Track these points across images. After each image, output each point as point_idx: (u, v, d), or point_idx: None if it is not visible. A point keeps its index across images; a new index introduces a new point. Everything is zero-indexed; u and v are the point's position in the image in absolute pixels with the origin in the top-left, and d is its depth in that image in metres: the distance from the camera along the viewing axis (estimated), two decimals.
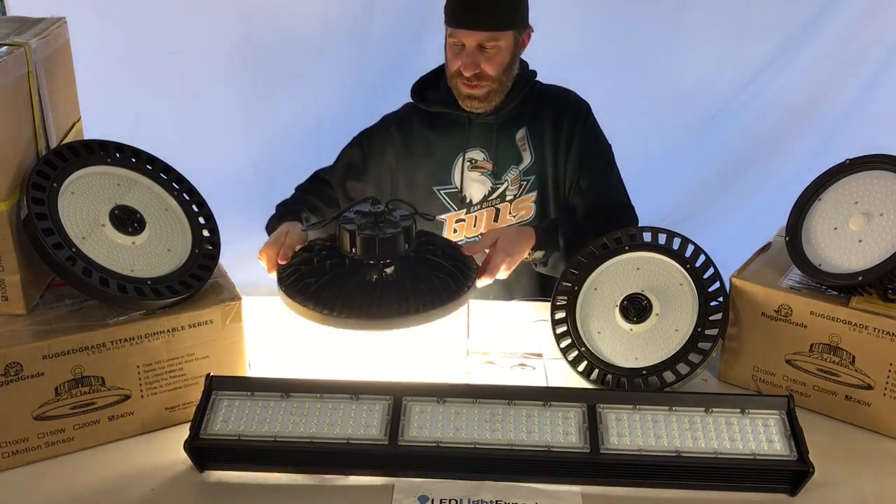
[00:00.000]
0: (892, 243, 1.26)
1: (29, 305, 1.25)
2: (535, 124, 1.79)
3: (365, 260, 1.40)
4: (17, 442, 1.21)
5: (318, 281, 1.38)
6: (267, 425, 1.20)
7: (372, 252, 1.38)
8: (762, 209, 2.51)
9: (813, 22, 2.36)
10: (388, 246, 1.38)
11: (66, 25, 1.45)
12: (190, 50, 2.38)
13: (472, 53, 1.66)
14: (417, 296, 1.36)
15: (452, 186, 1.82)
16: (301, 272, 1.42)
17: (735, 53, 2.42)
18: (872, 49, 2.36)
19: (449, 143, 1.81)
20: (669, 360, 1.38)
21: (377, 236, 1.37)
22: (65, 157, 1.27)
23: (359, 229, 1.38)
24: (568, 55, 2.38)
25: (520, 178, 1.79)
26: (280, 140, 2.54)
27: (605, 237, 1.46)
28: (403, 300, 1.35)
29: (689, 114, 2.51)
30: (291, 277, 1.42)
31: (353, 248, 1.39)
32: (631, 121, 2.42)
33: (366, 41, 2.44)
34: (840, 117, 2.44)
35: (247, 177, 2.57)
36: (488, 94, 1.72)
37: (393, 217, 1.42)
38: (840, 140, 2.44)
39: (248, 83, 2.45)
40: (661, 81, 2.46)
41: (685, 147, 2.55)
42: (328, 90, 2.50)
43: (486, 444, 1.18)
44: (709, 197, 2.61)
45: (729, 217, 2.59)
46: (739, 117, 2.49)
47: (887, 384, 1.28)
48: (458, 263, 1.46)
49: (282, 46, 2.42)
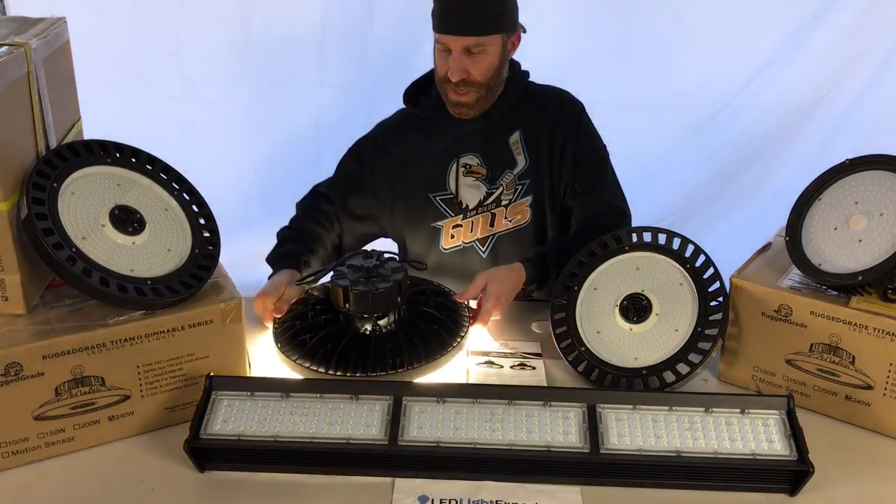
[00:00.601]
0: (892, 243, 1.26)
1: (29, 305, 1.25)
2: (530, 128, 1.77)
3: (359, 314, 1.44)
4: (17, 442, 1.21)
5: (313, 337, 1.44)
6: (267, 425, 1.20)
7: (365, 307, 1.43)
8: (762, 209, 2.52)
9: (813, 22, 2.36)
10: (382, 300, 1.43)
11: (66, 25, 1.45)
12: (190, 50, 2.38)
13: (459, 58, 1.64)
14: (411, 349, 1.41)
15: (448, 192, 1.80)
16: (296, 328, 1.47)
17: (735, 53, 2.42)
18: (872, 49, 2.36)
19: (442, 148, 1.80)
20: (669, 361, 1.39)
21: (370, 291, 1.41)
22: (65, 157, 1.27)
23: (352, 285, 1.42)
24: (568, 54, 2.39)
25: (515, 182, 1.77)
26: (280, 140, 2.54)
27: (605, 237, 1.46)
28: (398, 355, 1.40)
29: (689, 114, 2.51)
30: (288, 333, 1.48)
31: (346, 303, 1.43)
32: (631, 121, 2.42)
33: (366, 41, 2.45)
34: (840, 117, 2.44)
35: (247, 177, 2.57)
36: (477, 101, 1.70)
37: (385, 270, 1.47)
38: (840, 140, 2.44)
39: (248, 83, 2.45)
40: (661, 81, 2.46)
41: (685, 147, 2.55)
42: (328, 90, 2.50)
43: (486, 444, 1.18)
44: (709, 197, 2.61)
45: (729, 217, 2.59)
46: (739, 117, 2.50)
47: (887, 384, 1.28)
48: (450, 314, 1.52)
49: (282, 46, 2.42)
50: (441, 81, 1.71)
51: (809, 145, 2.48)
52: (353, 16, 2.41)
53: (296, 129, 2.54)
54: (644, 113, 2.48)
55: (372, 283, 1.42)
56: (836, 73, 2.40)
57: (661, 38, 2.42)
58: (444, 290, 1.63)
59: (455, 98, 1.70)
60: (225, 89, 2.44)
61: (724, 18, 2.39)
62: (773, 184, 2.52)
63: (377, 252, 1.51)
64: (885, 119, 2.39)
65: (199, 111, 2.45)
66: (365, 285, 1.42)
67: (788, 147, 2.51)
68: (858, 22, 2.34)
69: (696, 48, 2.42)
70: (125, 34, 2.33)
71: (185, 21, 2.35)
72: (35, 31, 1.33)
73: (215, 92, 2.44)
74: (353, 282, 1.43)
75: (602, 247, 1.46)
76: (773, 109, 2.47)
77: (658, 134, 2.53)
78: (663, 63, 2.44)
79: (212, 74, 2.42)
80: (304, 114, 2.51)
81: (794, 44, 2.39)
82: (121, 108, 2.33)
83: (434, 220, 1.82)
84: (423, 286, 1.63)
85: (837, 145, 2.42)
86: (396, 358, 1.40)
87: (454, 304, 1.56)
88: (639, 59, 2.45)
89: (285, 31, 2.41)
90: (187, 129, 2.45)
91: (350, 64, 2.46)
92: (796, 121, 2.48)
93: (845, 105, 2.43)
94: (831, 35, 2.36)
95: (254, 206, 2.55)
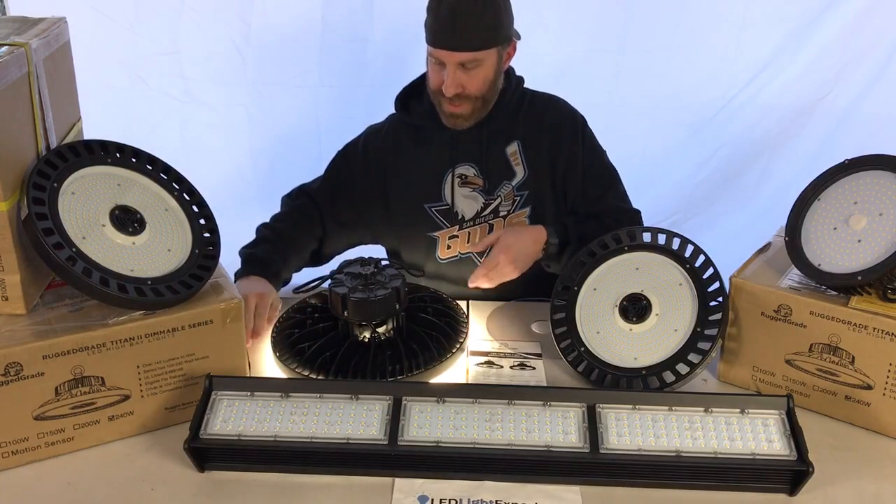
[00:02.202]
0: (892, 243, 1.26)
1: (29, 305, 1.25)
2: (528, 139, 1.74)
3: (357, 322, 1.45)
4: (17, 442, 1.21)
5: (312, 345, 1.44)
6: (267, 425, 1.20)
7: (364, 314, 1.43)
8: (762, 209, 2.52)
9: (813, 22, 2.36)
10: (380, 307, 1.43)
11: (67, 25, 1.45)
12: (190, 50, 2.38)
13: (454, 73, 1.60)
14: (410, 356, 1.41)
15: (443, 203, 1.77)
16: (295, 336, 1.47)
17: (735, 53, 2.42)
18: (872, 49, 2.36)
19: (437, 157, 1.76)
20: (669, 360, 1.39)
21: (369, 299, 1.42)
22: (65, 157, 1.27)
23: (350, 292, 1.42)
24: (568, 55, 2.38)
25: (513, 193, 1.75)
26: (280, 140, 2.54)
27: (605, 237, 1.46)
28: (397, 362, 1.41)
29: (689, 114, 2.51)
30: (287, 341, 1.48)
31: (345, 310, 1.43)
32: (631, 121, 2.42)
33: (365, 41, 2.44)
34: (840, 117, 2.44)
35: (247, 177, 2.57)
36: (473, 112, 1.67)
37: (383, 277, 1.47)
38: (840, 140, 2.44)
39: (248, 83, 2.45)
40: (661, 81, 2.46)
41: (685, 147, 2.55)
42: (328, 90, 2.49)
43: (486, 444, 1.18)
44: (709, 197, 2.61)
45: (729, 217, 2.59)
46: (739, 117, 2.49)
47: (887, 384, 1.28)
48: (448, 320, 1.53)
49: (282, 46, 2.42)
50: (435, 93, 1.68)
51: (809, 145, 2.48)
52: (352, 16, 2.41)
53: (295, 129, 2.54)
54: (644, 113, 2.48)
55: (370, 291, 1.43)
56: (836, 73, 2.40)
57: (661, 38, 2.41)
58: (442, 297, 1.63)
59: (450, 110, 1.67)
60: (225, 89, 2.44)
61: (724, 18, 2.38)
62: (773, 184, 2.52)
63: (374, 259, 1.51)
64: (885, 119, 2.39)
65: (199, 111, 2.45)
66: (363, 293, 1.42)
67: (788, 147, 2.51)
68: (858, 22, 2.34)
69: (696, 48, 2.42)
70: (125, 34, 2.32)
71: (185, 21, 2.34)
72: (35, 31, 1.33)
73: (215, 92, 2.44)
74: (351, 289, 1.43)
75: (602, 247, 1.46)
76: (773, 109, 2.47)
77: (658, 134, 2.53)
78: (663, 63, 2.44)
79: (212, 74, 2.42)
80: (303, 114, 2.51)
81: (794, 44, 2.39)
82: (121, 108, 2.33)
83: (429, 231, 1.80)
84: (421, 293, 1.63)
85: (837, 145, 2.42)
86: (395, 364, 1.40)
87: (453, 311, 1.56)
88: (639, 59, 2.44)
89: (285, 31, 2.41)
90: (187, 129, 2.45)
91: (350, 64, 2.46)
92: (796, 121, 2.47)
93: (845, 105, 2.43)
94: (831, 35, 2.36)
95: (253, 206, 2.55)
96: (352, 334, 1.47)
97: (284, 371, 1.43)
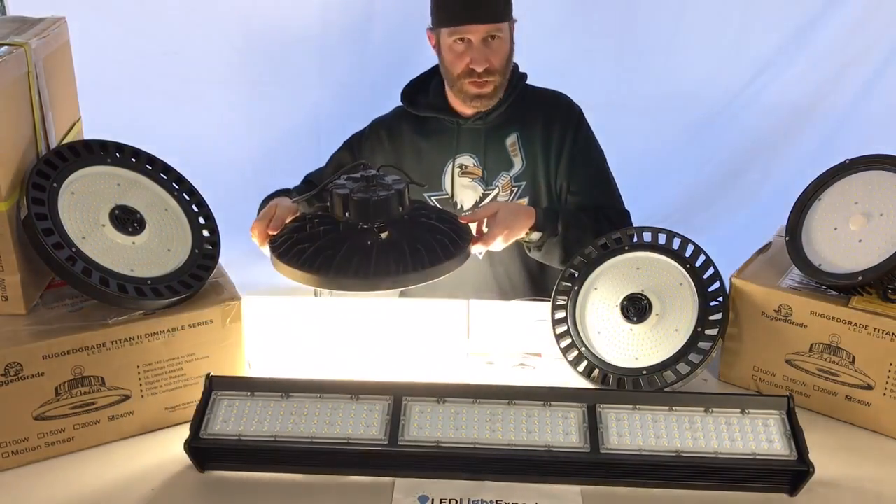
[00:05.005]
0: (892, 243, 1.26)
1: (29, 305, 1.25)
2: (526, 129, 1.77)
3: (359, 224, 1.36)
4: (17, 442, 1.21)
5: (311, 246, 1.35)
6: (267, 425, 1.20)
7: (366, 215, 1.35)
8: (762, 209, 2.52)
9: (813, 22, 2.36)
10: (383, 208, 1.35)
11: (66, 25, 1.46)
12: (190, 50, 2.38)
13: (480, 48, 1.66)
14: (415, 256, 1.33)
15: (443, 193, 1.81)
16: (294, 239, 1.39)
17: (735, 53, 2.42)
18: (872, 49, 2.37)
19: (439, 148, 1.80)
20: (669, 360, 1.38)
21: (371, 198, 1.34)
22: (65, 157, 1.26)
23: (352, 193, 1.35)
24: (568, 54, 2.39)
25: (511, 183, 1.78)
26: (279, 140, 2.55)
27: (605, 237, 1.46)
28: (401, 261, 1.32)
29: (689, 114, 2.51)
30: (285, 245, 1.39)
31: (346, 211, 1.36)
32: (631, 121, 2.43)
33: (365, 42, 2.45)
34: (840, 117, 2.45)
35: (246, 177, 2.57)
36: (495, 91, 1.72)
37: (385, 181, 1.39)
38: (840, 140, 2.44)
39: (248, 83, 2.46)
40: (661, 81, 2.46)
41: (685, 147, 2.55)
42: (328, 90, 2.50)
43: (486, 444, 1.18)
44: (709, 197, 2.61)
45: (729, 217, 2.59)
46: (739, 117, 2.50)
47: (887, 384, 1.28)
48: (453, 227, 1.43)
49: (281, 47, 2.42)
50: (458, 78, 1.71)
51: (809, 145, 2.49)
52: (353, 16, 2.41)
53: (295, 129, 2.54)
54: (644, 113, 2.49)
55: (372, 191, 1.36)
56: (837, 73, 2.40)
57: (661, 38, 2.42)
58: (445, 211, 1.55)
59: (475, 91, 1.70)
60: (225, 89, 2.44)
61: (724, 18, 2.39)
62: (773, 184, 2.53)
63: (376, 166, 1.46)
64: (885, 119, 2.40)
65: (199, 111, 2.45)
66: (365, 192, 1.36)
67: (788, 147, 2.51)
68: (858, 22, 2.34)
69: (696, 48, 2.42)
70: (125, 34, 2.33)
71: (185, 21, 2.35)
72: (35, 31, 1.33)
73: (215, 92, 2.44)
74: (353, 190, 1.36)
75: (602, 247, 1.46)
76: (774, 109, 2.48)
77: (658, 134, 2.54)
78: (663, 63, 2.44)
79: (212, 74, 2.42)
80: (304, 114, 2.51)
81: (794, 44, 2.40)
82: (121, 108, 2.33)
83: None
84: (425, 204, 1.55)
85: (837, 145, 2.42)
86: (400, 264, 1.32)
87: (457, 221, 1.49)
88: (639, 59, 2.45)
89: (285, 30, 2.41)
90: (187, 129, 2.45)
91: (350, 64, 2.47)
92: (796, 121, 2.48)
93: (845, 105, 2.43)
94: (831, 35, 2.37)
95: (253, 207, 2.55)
96: (354, 236, 1.37)
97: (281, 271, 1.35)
